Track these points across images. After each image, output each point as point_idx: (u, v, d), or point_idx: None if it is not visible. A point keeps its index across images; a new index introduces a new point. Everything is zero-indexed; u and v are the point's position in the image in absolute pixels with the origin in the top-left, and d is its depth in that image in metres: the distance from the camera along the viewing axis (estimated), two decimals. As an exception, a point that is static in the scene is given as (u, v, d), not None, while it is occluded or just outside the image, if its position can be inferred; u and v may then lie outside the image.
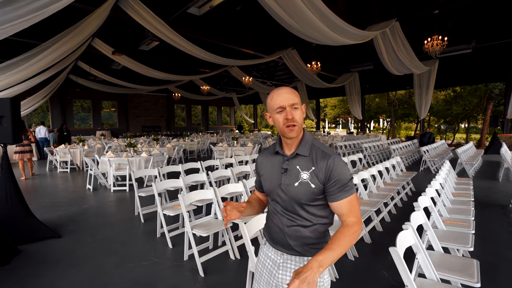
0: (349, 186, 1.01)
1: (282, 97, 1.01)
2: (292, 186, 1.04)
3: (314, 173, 1.01)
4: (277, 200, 1.10)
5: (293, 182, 1.04)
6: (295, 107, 1.01)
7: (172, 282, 2.40)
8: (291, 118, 1.00)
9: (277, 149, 1.12)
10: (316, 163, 1.02)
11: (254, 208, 1.26)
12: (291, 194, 1.04)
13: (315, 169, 1.02)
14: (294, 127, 1.01)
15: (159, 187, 3.28)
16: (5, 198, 3.20)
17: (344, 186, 1.00)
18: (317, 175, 1.01)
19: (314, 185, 1.01)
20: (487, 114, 16.75)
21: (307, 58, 10.90)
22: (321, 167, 1.01)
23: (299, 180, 1.03)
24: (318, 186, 1.01)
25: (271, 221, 1.16)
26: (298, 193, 1.03)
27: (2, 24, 3.39)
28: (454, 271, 1.78)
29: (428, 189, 2.71)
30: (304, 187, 1.02)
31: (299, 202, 1.04)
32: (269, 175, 1.13)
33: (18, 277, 2.50)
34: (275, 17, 5.80)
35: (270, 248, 1.17)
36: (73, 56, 8.24)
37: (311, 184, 1.01)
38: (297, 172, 1.04)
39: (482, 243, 3.05)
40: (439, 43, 7.13)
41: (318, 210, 1.06)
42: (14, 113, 3.10)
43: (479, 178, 6.62)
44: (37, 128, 10.75)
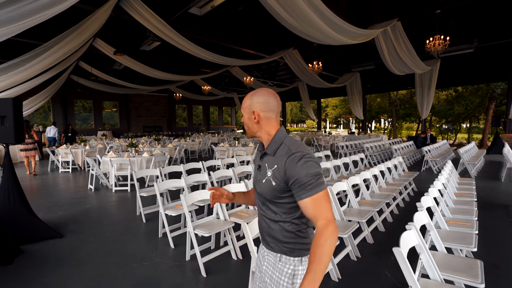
0: (312, 184, 0.96)
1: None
2: (261, 182, 1.09)
3: (275, 171, 1.02)
4: (255, 194, 1.18)
5: (262, 179, 1.08)
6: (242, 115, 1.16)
7: (174, 282, 2.40)
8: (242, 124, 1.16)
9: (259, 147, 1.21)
10: (279, 160, 1.03)
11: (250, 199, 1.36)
12: (260, 190, 1.10)
13: (276, 167, 1.02)
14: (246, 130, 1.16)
15: (161, 187, 3.28)
16: (7, 198, 3.21)
17: (305, 184, 0.96)
18: (278, 173, 1.02)
19: (275, 183, 1.02)
20: (489, 114, 16.68)
21: (308, 58, 10.89)
22: (281, 165, 1.01)
23: (265, 177, 1.06)
24: (278, 184, 1.02)
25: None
26: (264, 190, 1.07)
27: (5, 24, 3.40)
28: (458, 271, 1.77)
29: (431, 189, 2.70)
30: (267, 184, 1.05)
31: (265, 198, 1.08)
32: (253, 170, 1.23)
33: (20, 277, 2.50)
34: (276, 17, 5.80)
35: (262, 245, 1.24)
36: (74, 57, 8.26)
37: (272, 182, 1.03)
38: (265, 170, 1.08)
39: (486, 243, 3.03)
40: (441, 42, 7.11)
41: (284, 209, 1.06)
42: (16, 113, 3.10)
43: (481, 178, 6.59)
44: (48, 128, 11.43)
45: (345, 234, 2.47)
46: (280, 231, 1.07)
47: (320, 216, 0.95)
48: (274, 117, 1.11)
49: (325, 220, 0.94)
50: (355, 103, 15.76)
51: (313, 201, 0.96)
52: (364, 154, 6.28)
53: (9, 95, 8.09)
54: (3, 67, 6.03)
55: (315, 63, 9.98)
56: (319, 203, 0.96)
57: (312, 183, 0.96)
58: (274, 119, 1.11)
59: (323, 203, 0.96)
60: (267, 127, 1.10)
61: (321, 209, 0.95)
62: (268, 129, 1.10)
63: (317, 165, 1.00)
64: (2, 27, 3.47)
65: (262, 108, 1.09)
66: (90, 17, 5.83)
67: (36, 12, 3.50)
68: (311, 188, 0.96)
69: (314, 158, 1.01)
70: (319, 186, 0.97)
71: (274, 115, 1.11)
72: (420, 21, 8.76)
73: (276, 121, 1.12)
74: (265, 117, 1.09)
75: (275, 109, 1.11)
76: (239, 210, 3.18)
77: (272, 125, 1.10)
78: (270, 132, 1.10)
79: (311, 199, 0.96)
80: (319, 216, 0.95)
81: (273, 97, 1.10)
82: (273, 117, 1.11)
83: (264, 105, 1.09)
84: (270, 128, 1.10)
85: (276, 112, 1.11)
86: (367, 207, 3.17)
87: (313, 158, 1.01)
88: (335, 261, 2.47)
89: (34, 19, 3.61)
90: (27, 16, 3.47)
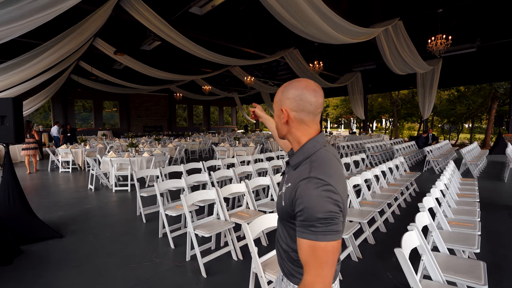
0: (316, 227, 0.71)
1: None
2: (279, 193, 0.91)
3: (287, 190, 0.82)
4: None
5: (280, 190, 0.90)
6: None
7: (174, 283, 2.38)
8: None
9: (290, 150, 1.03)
10: (294, 180, 0.81)
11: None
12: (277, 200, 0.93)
13: (290, 185, 0.81)
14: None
15: (161, 187, 3.27)
16: (7, 198, 3.20)
17: (308, 223, 0.72)
18: (288, 194, 0.81)
19: (284, 203, 0.83)
20: (492, 113, 16.62)
21: (309, 57, 10.86)
22: (292, 187, 0.79)
23: (281, 191, 0.88)
24: (286, 207, 0.81)
25: None
26: (277, 203, 0.90)
27: (6, 24, 3.39)
28: (460, 273, 1.75)
29: (433, 189, 2.68)
30: (280, 200, 0.86)
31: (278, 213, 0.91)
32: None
33: (20, 277, 2.49)
34: (277, 17, 5.78)
35: None
36: (75, 56, 8.27)
37: (282, 200, 0.84)
38: (283, 182, 0.90)
39: (488, 244, 3.00)
40: (443, 42, 7.07)
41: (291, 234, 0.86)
42: (16, 113, 3.09)
43: (484, 178, 6.55)
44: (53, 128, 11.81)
45: (347, 234, 2.44)
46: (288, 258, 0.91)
47: (310, 270, 0.73)
48: (310, 119, 0.85)
49: (314, 278, 0.72)
50: (356, 103, 15.72)
51: (310, 248, 0.72)
52: (365, 154, 6.25)
53: (9, 95, 8.10)
54: (3, 66, 6.04)
55: (316, 62, 9.96)
56: (316, 255, 0.72)
57: (317, 226, 0.71)
58: (310, 123, 0.86)
59: (323, 258, 0.71)
60: (297, 131, 0.87)
61: (315, 263, 0.72)
62: (298, 135, 0.87)
63: (335, 205, 0.73)
64: (3, 26, 3.46)
65: (293, 106, 0.85)
66: (90, 17, 5.82)
67: (37, 12, 3.49)
68: (314, 232, 0.72)
69: (336, 194, 0.74)
70: (325, 235, 0.71)
71: (309, 117, 0.85)
72: (422, 20, 8.72)
73: (312, 126, 0.87)
74: (296, 118, 0.85)
75: (311, 109, 0.84)
76: (240, 210, 3.17)
77: (303, 130, 0.86)
78: (300, 140, 0.86)
79: (308, 244, 0.73)
80: (309, 270, 0.73)
81: (311, 93, 0.84)
82: (308, 120, 0.85)
83: (296, 103, 0.84)
84: (301, 134, 0.86)
85: (313, 114, 0.85)
86: (369, 207, 3.15)
87: (335, 192, 0.74)
88: (336, 262, 2.45)
89: (36, 19, 3.60)
90: (28, 16, 3.47)
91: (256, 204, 3.28)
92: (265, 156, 6.15)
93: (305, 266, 0.74)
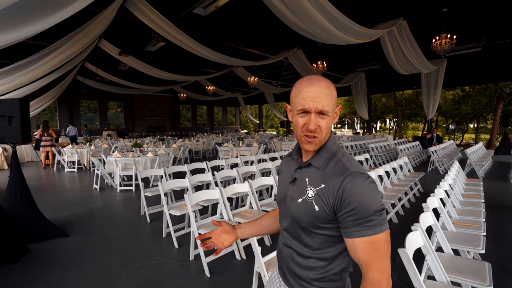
0: (373, 220, 0.70)
1: (310, 96, 0.75)
2: (295, 201, 0.82)
3: (322, 192, 0.77)
4: (282, 214, 0.92)
5: (297, 197, 0.82)
6: (323, 114, 0.77)
7: (178, 282, 2.40)
8: (313, 130, 0.77)
9: (293, 153, 0.94)
10: (329, 180, 0.77)
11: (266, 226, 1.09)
12: (291, 210, 0.83)
13: (324, 187, 0.77)
14: (313, 139, 0.79)
15: (165, 187, 3.29)
16: (14, 198, 3.25)
17: (364, 219, 0.71)
18: (325, 196, 0.76)
19: (319, 208, 0.77)
20: (497, 113, 16.41)
21: (313, 57, 10.84)
22: (333, 187, 0.75)
23: (303, 197, 0.80)
24: (324, 211, 0.76)
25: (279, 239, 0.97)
26: (298, 212, 0.81)
27: (13, 27, 3.45)
28: (465, 273, 1.74)
29: (437, 189, 2.66)
30: (306, 207, 0.79)
31: (299, 224, 0.82)
32: (281, 182, 0.94)
33: (27, 275, 2.53)
34: (281, 17, 5.78)
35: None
36: (80, 57, 8.36)
37: (314, 205, 0.77)
38: (304, 186, 0.82)
39: (494, 245, 2.98)
40: (447, 41, 7.01)
41: (321, 241, 0.80)
42: (23, 113, 3.14)
43: (489, 179, 6.48)
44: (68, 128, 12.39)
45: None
46: (308, 270, 0.82)
47: (374, 266, 0.71)
48: None
49: (380, 274, 0.70)
50: (360, 103, 15.64)
51: (369, 245, 0.71)
52: (369, 154, 6.22)
53: (17, 96, 8.22)
54: (11, 68, 6.14)
55: (320, 63, 9.93)
56: (378, 250, 0.71)
57: (374, 219, 0.70)
58: None
59: (383, 250, 0.71)
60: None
61: (378, 258, 0.71)
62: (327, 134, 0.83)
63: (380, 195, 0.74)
64: (10, 30, 3.52)
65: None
66: (95, 18, 5.89)
67: (44, 15, 3.55)
68: (371, 226, 0.71)
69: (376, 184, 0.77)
70: (381, 225, 0.71)
71: None
72: (426, 20, 8.65)
73: None
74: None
75: None
76: (243, 210, 3.18)
77: None
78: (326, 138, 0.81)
79: (367, 241, 0.71)
80: (373, 266, 0.71)
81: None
82: None
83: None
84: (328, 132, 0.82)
85: None
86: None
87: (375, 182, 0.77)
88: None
89: (43, 22, 3.65)
90: (35, 20, 3.52)
91: (260, 204, 3.29)
92: (268, 156, 6.15)
93: (367, 265, 0.72)
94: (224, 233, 1.01)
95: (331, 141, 0.83)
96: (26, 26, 3.52)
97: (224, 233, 1.01)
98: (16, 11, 3.19)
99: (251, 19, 9.77)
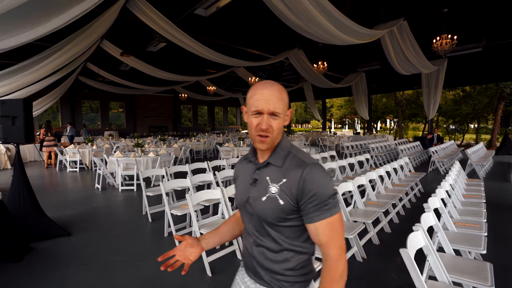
0: (330, 203, 0.81)
1: (264, 99, 0.82)
2: (260, 200, 0.87)
3: (284, 186, 0.83)
4: (246, 216, 0.94)
5: (260, 196, 0.87)
6: (274, 115, 0.84)
7: (179, 282, 2.41)
8: (265, 129, 0.83)
9: (249, 156, 0.97)
10: (289, 174, 0.84)
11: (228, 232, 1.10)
12: (257, 209, 0.88)
13: (286, 181, 0.84)
14: (266, 138, 0.84)
15: (166, 186, 3.31)
16: (18, 197, 3.27)
17: (323, 203, 0.80)
18: (288, 189, 0.83)
19: (283, 202, 0.83)
20: (498, 114, 16.39)
21: (313, 58, 10.85)
22: (294, 179, 0.82)
23: (267, 194, 0.86)
24: (288, 203, 0.83)
25: (243, 241, 0.99)
26: (264, 210, 0.85)
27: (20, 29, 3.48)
28: (466, 274, 1.75)
29: (438, 190, 2.67)
30: (271, 203, 0.84)
31: (266, 220, 0.87)
32: (240, 186, 0.98)
33: (30, 274, 2.55)
34: (281, 17, 5.80)
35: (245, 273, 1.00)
36: (82, 58, 8.39)
37: (279, 199, 0.83)
38: (266, 185, 0.87)
39: (494, 246, 2.98)
40: (448, 42, 7.01)
41: (288, 233, 0.87)
42: (26, 113, 3.16)
43: (490, 179, 6.48)
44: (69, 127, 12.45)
45: (351, 235, 2.45)
46: (281, 263, 0.87)
47: (333, 244, 0.81)
48: None
49: (340, 250, 0.81)
50: (360, 103, 15.65)
51: (328, 225, 0.81)
52: (370, 155, 6.23)
53: (20, 96, 8.25)
54: (15, 68, 6.17)
55: (320, 63, 9.94)
56: (335, 229, 0.81)
57: (329, 202, 0.81)
58: None
59: (339, 228, 0.82)
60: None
61: (335, 237, 0.81)
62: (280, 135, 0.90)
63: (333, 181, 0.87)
64: (15, 32, 3.55)
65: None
66: (98, 19, 5.91)
67: (50, 18, 3.57)
68: (328, 208, 0.81)
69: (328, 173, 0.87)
70: (336, 207, 0.82)
71: None
72: (427, 20, 8.66)
73: None
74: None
75: None
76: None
77: None
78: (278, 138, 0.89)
79: (326, 222, 0.81)
80: (332, 244, 0.81)
81: None
82: None
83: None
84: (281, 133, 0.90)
85: None
86: (373, 207, 3.15)
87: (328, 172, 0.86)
88: (340, 262, 2.45)
89: (49, 24, 3.67)
90: (41, 22, 3.55)
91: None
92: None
93: (328, 245, 0.81)
94: (189, 247, 0.99)
95: (284, 140, 0.90)
96: (33, 28, 3.54)
97: (189, 247, 0.99)
98: (23, 14, 3.21)
99: (252, 20, 9.80)
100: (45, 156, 8.70)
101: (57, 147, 8.71)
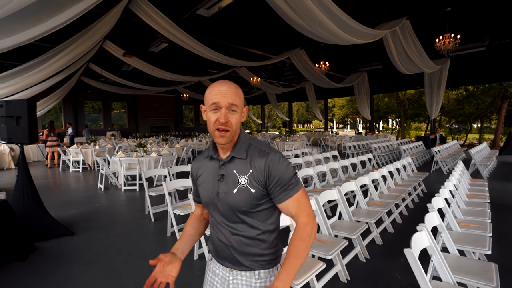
0: (293, 183, 0.92)
1: (221, 93, 0.88)
2: (231, 193, 0.93)
3: (252, 176, 0.91)
4: (217, 211, 0.98)
5: (231, 189, 0.93)
6: (232, 110, 0.89)
7: (182, 281, 2.42)
8: (224, 122, 0.88)
9: (211, 153, 1.00)
10: (254, 164, 0.92)
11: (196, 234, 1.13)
12: (230, 202, 0.93)
13: (253, 171, 0.92)
14: (225, 133, 0.89)
15: (169, 186, 3.32)
16: (22, 197, 3.29)
17: (287, 184, 0.91)
18: (256, 178, 0.91)
19: (254, 190, 0.91)
20: (502, 113, 16.26)
21: (315, 58, 10.83)
22: (260, 168, 0.91)
23: (237, 186, 0.92)
24: (259, 189, 0.92)
25: (215, 235, 1.03)
26: (238, 200, 0.92)
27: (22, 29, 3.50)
28: (471, 274, 1.74)
29: (442, 190, 2.65)
30: (243, 193, 0.91)
31: (240, 210, 0.93)
32: (206, 183, 1.01)
33: (34, 273, 2.57)
34: (283, 17, 5.79)
35: (217, 265, 1.04)
36: (85, 58, 8.42)
37: (250, 189, 0.91)
38: (234, 178, 0.93)
39: (500, 246, 2.96)
40: (451, 41, 6.97)
41: (261, 217, 0.96)
42: (30, 114, 3.19)
43: (493, 179, 6.44)
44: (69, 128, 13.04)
45: (354, 235, 2.45)
46: (258, 245, 0.95)
47: (302, 213, 0.93)
48: None
49: (308, 217, 0.93)
50: (362, 103, 15.59)
51: (295, 200, 0.93)
52: (372, 155, 6.21)
53: (24, 97, 8.31)
54: (19, 69, 6.21)
55: (322, 63, 9.92)
56: (301, 201, 0.94)
57: (292, 182, 0.93)
58: None
59: (304, 200, 0.95)
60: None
61: (302, 207, 0.94)
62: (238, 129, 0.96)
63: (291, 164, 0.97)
64: (18, 32, 3.57)
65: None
66: (100, 20, 5.93)
67: (51, 17, 3.59)
68: (292, 187, 0.93)
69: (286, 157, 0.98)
70: (298, 185, 0.94)
71: None
72: (430, 19, 8.61)
73: None
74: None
75: None
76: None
77: None
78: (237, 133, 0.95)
79: (293, 199, 0.93)
80: (301, 213, 0.93)
81: None
82: None
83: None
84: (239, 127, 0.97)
85: None
86: (376, 207, 3.14)
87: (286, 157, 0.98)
88: (343, 262, 2.45)
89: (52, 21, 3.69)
90: (42, 21, 3.57)
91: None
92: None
93: (298, 214, 0.93)
94: (167, 265, 0.98)
95: (243, 134, 0.98)
96: (33, 28, 3.56)
97: (167, 265, 0.98)
98: (23, 13, 3.23)
99: (253, 20, 9.79)
100: (49, 156, 8.77)
101: (60, 147, 8.76)
